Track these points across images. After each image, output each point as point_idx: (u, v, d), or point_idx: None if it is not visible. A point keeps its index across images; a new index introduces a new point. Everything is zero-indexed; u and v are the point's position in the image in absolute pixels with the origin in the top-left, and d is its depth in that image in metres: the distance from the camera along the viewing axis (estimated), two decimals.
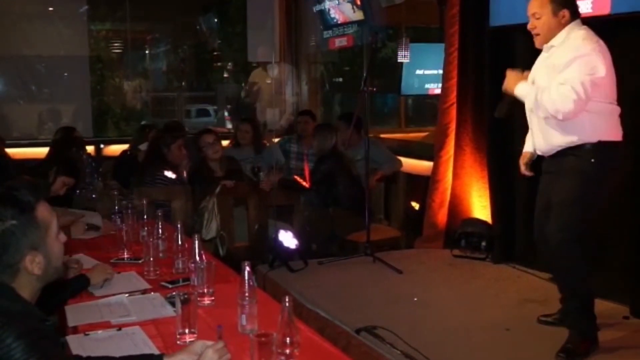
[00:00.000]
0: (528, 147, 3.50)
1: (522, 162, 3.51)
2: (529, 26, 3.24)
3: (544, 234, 3.29)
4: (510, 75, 3.28)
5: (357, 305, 3.73)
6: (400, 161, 5.77)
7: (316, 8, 7.35)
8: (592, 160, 3.10)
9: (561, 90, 3.00)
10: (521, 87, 3.21)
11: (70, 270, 2.77)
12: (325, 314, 3.60)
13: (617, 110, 3.17)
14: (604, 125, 3.13)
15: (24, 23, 7.79)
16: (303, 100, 8.40)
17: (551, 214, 3.22)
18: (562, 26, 3.16)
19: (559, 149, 3.18)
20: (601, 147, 3.10)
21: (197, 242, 2.75)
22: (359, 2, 6.62)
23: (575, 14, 3.19)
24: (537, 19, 3.18)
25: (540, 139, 3.27)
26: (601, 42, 3.11)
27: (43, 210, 1.82)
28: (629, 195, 3.70)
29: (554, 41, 3.18)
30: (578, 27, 3.16)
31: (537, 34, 3.20)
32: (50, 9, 8.01)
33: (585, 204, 3.15)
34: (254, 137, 6.21)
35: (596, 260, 3.54)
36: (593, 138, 3.10)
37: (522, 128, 3.54)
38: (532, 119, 3.31)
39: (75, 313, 2.47)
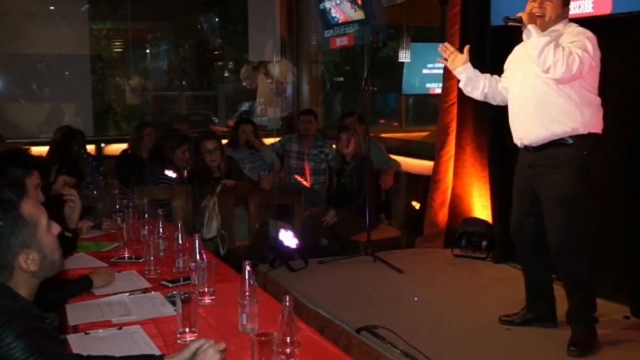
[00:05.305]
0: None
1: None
2: (536, 3, 3.18)
3: (524, 230, 3.34)
4: (535, 16, 3.18)
5: (357, 305, 3.73)
6: (399, 163, 5.77)
7: (317, 7, 7.35)
8: (585, 152, 3.13)
9: (571, 56, 2.99)
10: (535, 29, 3.11)
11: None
12: (326, 313, 3.60)
13: (599, 101, 3.20)
14: (593, 117, 3.16)
15: (25, 22, 7.77)
16: (304, 99, 8.40)
17: (543, 209, 3.21)
18: (561, 19, 3.21)
19: (554, 138, 3.15)
20: (590, 139, 3.14)
21: (197, 241, 2.75)
22: (359, 2, 6.62)
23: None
24: (550, 1, 3.17)
25: (531, 127, 3.21)
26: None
27: (28, 207, 1.80)
28: (628, 195, 3.70)
29: (551, 30, 3.18)
30: (574, 24, 3.21)
31: (541, 15, 3.17)
32: (52, 7, 8.00)
33: (585, 196, 3.18)
34: (254, 137, 6.18)
35: (596, 260, 3.54)
36: (585, 129, 3.13)
37: None
38: (528, 106, 3.23)
39: (76, 312, 2.47)
